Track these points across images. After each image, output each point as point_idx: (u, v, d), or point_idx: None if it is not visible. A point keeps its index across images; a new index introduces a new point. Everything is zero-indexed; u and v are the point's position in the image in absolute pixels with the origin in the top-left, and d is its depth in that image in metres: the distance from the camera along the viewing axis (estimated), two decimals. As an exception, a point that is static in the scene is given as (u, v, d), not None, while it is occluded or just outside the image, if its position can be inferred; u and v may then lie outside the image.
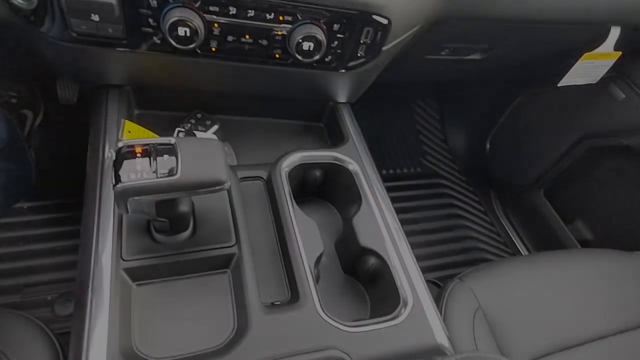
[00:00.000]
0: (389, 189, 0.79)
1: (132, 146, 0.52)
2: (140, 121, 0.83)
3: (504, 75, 1.52)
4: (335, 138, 0.87)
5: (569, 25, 0.90)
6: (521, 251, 1.62)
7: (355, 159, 0.78)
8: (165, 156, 0.51)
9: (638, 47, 1.09)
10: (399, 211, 0.75)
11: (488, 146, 1.78)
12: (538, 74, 1.40)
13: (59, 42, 0.66)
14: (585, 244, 1.38)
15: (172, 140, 0.52)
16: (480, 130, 1.79)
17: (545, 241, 1.52)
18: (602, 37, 0.95)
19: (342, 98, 0.87)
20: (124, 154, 0.51)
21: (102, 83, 0.79)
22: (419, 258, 0.70)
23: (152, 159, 0.52)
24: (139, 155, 0.51)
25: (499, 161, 1.72)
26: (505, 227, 1.69)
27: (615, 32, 0.93)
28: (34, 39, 0.69)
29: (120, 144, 0.52)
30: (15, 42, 0.80)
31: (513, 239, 1.65)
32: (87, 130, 0.78)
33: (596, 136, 1.27)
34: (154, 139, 0.52)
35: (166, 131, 0.83)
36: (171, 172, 0.51)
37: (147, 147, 0.52)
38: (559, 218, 1.43)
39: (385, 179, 1.79)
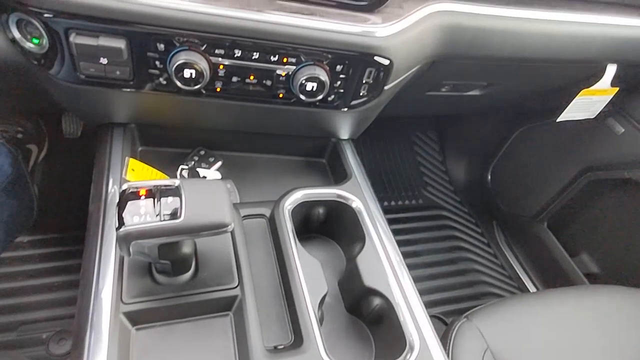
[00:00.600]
0: (390, 221, 0.78)
1: (136, 188, 0.52)
2: (144, 158, 0.84)
3: (504, 109, 1.54)
4: (338, 175, 0.87)
5: (565, 63, 0.92)
6: (527, 285, 1.59)
7: (358, 196, 0.77)
8: (169, 198, 0.51)
9: (635, 82, 1.11)
10: (401, 244, 0.74)
11: (489, 177, 1.78)
12: (537, 108, 1.42)
13: (67, 84, 0.67)
14: (592, 277, 1.36)
15: (176, 182, 0.52)
16: (481, 161, 1.79)
17: (551, 274, 1.50)
18: (599, 74, 0.97)
19: (344, 135, 0.88)
20: (128, 195, 0.51)
21: (107, 121, 0.80)
22: (422, 292, 0.69)
23: (155, 200, 0.51)
24: (142, 196, 0.51)
25: (501, 192, 1.72)
26: (510, 259, 1.67)
27: (611, 70, 0.95)
28: (41, 80, 0.71)
29: (124, 186, 0.52)
30: (23, 81, 0.81)
31: (518, 272, 1.63)
32: (90, 164, 0.78)
33: (598, 169, 1.27)
34: (158, 181, 0.52)
35: (170, 168, 0.83)
36: (175, 214, 0.50)
37: (151, 188, 0.52)
38: (564, 251, 1.42)
39: (386, 211, 1.79)
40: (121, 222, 0.49)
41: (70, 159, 1.45)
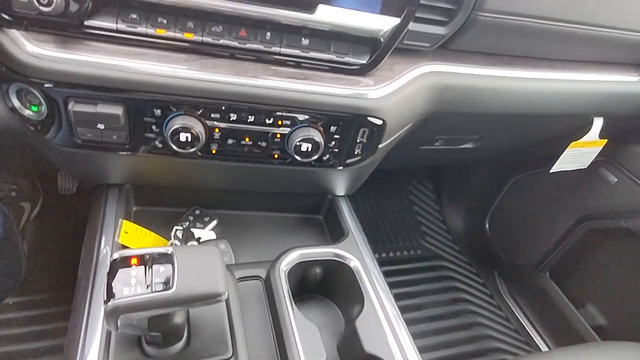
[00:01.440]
0: (389, 273, 0.76)
1: (128, 256, 0.50)
2: (139, 218, 0.83)
3: (498, 159, 1.56)
4: (335, 231, 0.86)
5: (553, 118, 0.94)
6: (534, 339, 1.53)
7: (355, 254, 0.76)
8: (162, 266, 0.50)
9: (623, 133, 1.14)
10: (401, 297, 0.72)
11: (487, 226, 1.77)
12: (530, 157, 1.44)
13: (63, 148, 0.67)
14: (600, 330, 1.31)
15: (169, 249, 0.51)
16: (478, 209, 1.79)
17: (558, 328, 1.44)
18: (587, 126, 1.00)
19: (340, 191, 0.88)
20: (119, 264, 0.50)
21: (102, 182, 0.80)
22: (426, 349, 0.66)
23: (147, 268, 0.50)
24: (134, 265, 0.50)
25: (500, 241, 1.70)
26: (515, 312, 1.62)
27: (598, 123, 0.98)
28: (37, 143, 0.71)
29: (115, 255, 0.50)
30: (20, 144, 0.82)
31: (524, 324, 1.57)
32: (84, 220, 0.77)
33: (594, 218, 1.27)
34: (150, 248, 0.51)
35: (164, 228, 0.82)
36: (167, 284, 0.49)
37: (143, 256, 0.50)
38: (569, 303, 1.38)
39: (385, 262, 1.75)
40: (110, 295, 0.47)
41: (64, 216, 1.43)
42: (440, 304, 1.63)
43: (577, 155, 1.06)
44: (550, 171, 1.09)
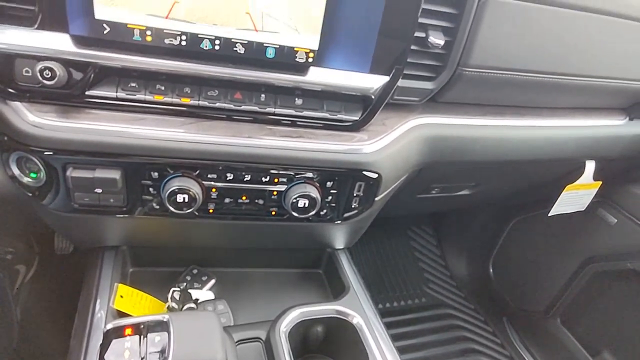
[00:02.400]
0: (394, 325, 0.74)
1: (122, 326, 0.49)
2: (135, 280, 0.81)
3: (496, 203, 1.56)
4: (336, 286, 0.84)
5: (546, 163, 0.96)
6: (551, 390, 1.45)
7: (358, 311, 0.74)
8: (157, 335, 0.48)
9: (617, 174, 1.15)
10: (408, 350, 0.69)
11: (491, 270, 1.74)
12: (528, 200, 1.44)
13: (60, 213, 0.67)
14: (618, 379, 1.25)
15: (165, 317, 0.50)
16: (481, 253, 1.77)
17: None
18: (581, 169, 1.01)
19: (339, 244, 0.87)
20: (112, 335, 0.48)
21: (98, 245, 0.79)
22: None
23: (142, 337, 0.48)
24: (128, 335, 0.48)
25: (506, 285, 1.66)
26: (528, 361, 1.55)
27: (590, 165, 0.99)
28: (34, 208, 0.71)
29: (109, 326, 0.49)
30: (17, 208, 0.82)
31: (539, 375, 1.50)
32: (78, 284, 0.75)
33: (599, 260, 1.25)
34: (145, 317, 0.50)
35: (161, 289, 0.80)
36: (163, 353, 0.47)
37: (137, 325, 0.49)
38: (584, 350, 1.32)
39: (389, 313, 1.70)
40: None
41: (59, 278, 1.40)
42: (450, 356, 1.56)
43: (574, 198, 1.06)
44: (550, 214, 1.08)
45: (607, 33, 0.77)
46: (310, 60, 0.62)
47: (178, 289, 0.78)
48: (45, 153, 0.60)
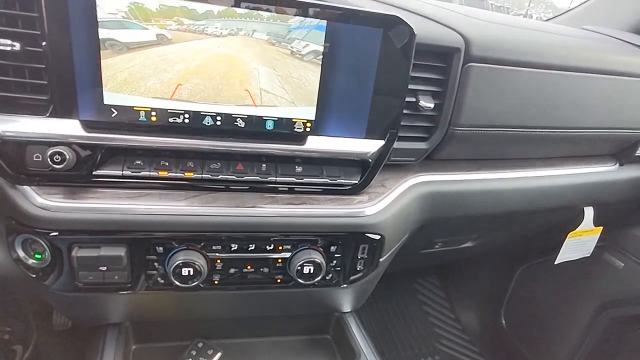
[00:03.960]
0: None
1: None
2: (138, 357, 0.79)
3: (501, 253, 1.55)
4: (345, 352, 0.81)
5: (546, 211, 0.97)
6: None
7: (370, 379, 0.71)
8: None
9: (617, 219, 1.16)
10: None
11: (504, 322, 1.68)
12: (533, 248, 1.43)
13: (62, 293, 0.67)
14: None
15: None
16: (491, 303, 1.72)
17: None
18: (581, 216, 1.02)
19: (346, 308, 0.86)
20: None
21: (100, 323, 0.78)
22: None
23: None
24: None
25: (521, 337, 1.60)
26: (554, 421, 1.45)
27: (589, 212, 1.00)
28: (35, 288, 0.71)
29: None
30: (17, 289, 0.81)
31: None
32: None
33: (614, 306, 1.22)
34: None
35: (165, 367, 0.77)
36: None
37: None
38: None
39: (402, 374, 1.62)
40: None
41: (58, 356, 1.34)
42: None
43: (578, 244, 1.06)
44: (556, 262, 1.08)
45: (587, 87, 0.82)
46: (308, 129, 0.65)
47: (183, 365, 0.75)
48: (51, 234, 0.61)
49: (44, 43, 0.54)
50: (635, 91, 0.87)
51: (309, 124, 0.65)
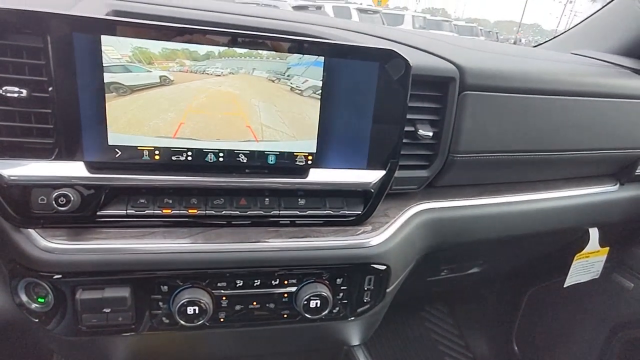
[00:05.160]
0: None
1: None
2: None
3: (508, 277, 1.53)
4: (356, 388, 0.79)
5: (551, 234, 0.96)
6: None
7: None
8: None
9: (623, 237, 1.15)
10: None
11: (516, 348, 1.64)
12: (540, 270, 1.41)
13: (64, 337, 0.65)
14: None
15: None
16: (501, 329, 1.68)
17: None
18: (586, 237, 1.01)
19: (354, 341, 0.84)
20: None
21: (103, 366, 0.76)
22: None
23: None
24: None
25: (535, 364, 1.55)
26: None
27: (594, 233, 1.00)
28: (37, 334, 0.69)
29: None
30: (18, 336, 0.79)
31: None
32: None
33: (628, 326, 1.20)
34: None
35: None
36: None
37: None
38: None
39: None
40: None
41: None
42: None
43: (586, 266, 1.05)
44: (565, 285, 1.06)
45: (580, 110, 0.83)
46: (309, 162, 0.66)
47: (188, 409, 0.73)
48: (55, 277, 0.60)
49: (50, 88, 0.55)
50: (628, 112, 0.88)
51: (310, 157, 0.66)
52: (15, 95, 0.54)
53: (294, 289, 0.67)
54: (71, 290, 0.61)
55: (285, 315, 0.70)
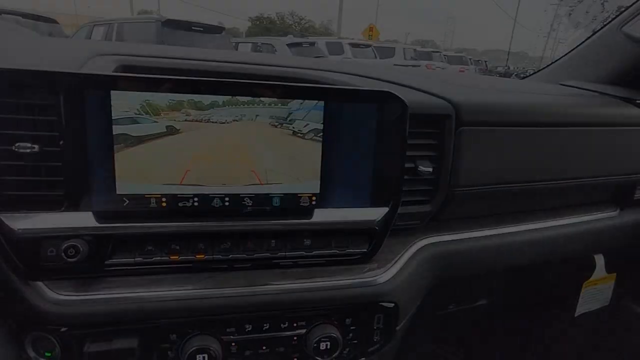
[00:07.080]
0: None
1: None
2: None
3: (518, 308, 1.50)
4: None
5: (557, 263, 0.96)
6: None
7: None
8: None
9: (630, 262, 1.14)
10: None
11: (531, 382, 1.59)
12: (551, 299, 1.39)
13: (72, 391, 0.64)
14: None
15: None
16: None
17: None
18: (592, 264, 1.01)
19: (366, 382, 0.82)
20: None
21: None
22: None
23: None
24: None
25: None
26: None
27: (600, 259, 1.00)
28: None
29: None
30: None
31: None
32: None
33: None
34: None
35: None
36: None
37: None
38: None
39: None
40: None
41: None
42: None
43: (595, 294, 1.04)
44: (576, 314, 1.05)
45: (574, 140, 0.86)
46: (313, 203, 0.67)
47: None
48: (62, 329, 0.60)
49: (61, 142, 0.57)
50: (620, 139, 0.91)
51: (314, 198, 0.67)
52: (28, 150, 0.56)
53: (303, 331, 0.67)
54: (78, 342, 0.60)
55: (295, 359, 0.68)
